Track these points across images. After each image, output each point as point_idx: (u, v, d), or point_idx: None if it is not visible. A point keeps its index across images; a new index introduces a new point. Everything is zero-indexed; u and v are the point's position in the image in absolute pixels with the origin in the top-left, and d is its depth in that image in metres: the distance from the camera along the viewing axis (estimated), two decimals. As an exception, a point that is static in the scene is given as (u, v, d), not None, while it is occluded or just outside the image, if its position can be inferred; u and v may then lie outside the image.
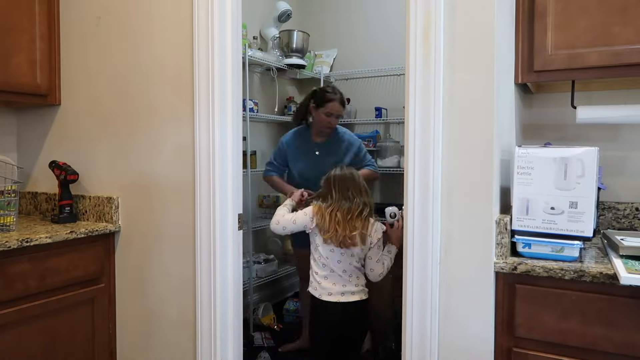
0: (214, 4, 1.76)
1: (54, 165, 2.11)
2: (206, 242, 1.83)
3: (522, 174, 1.40)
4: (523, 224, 1.40)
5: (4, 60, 2.02)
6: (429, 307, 1.46)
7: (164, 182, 1.95)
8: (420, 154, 1.46)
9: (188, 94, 1.87)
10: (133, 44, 2.01)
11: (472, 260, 1.42)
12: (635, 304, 1.24)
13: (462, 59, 1.41)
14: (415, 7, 1.44)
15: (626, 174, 1.82)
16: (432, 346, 1.47)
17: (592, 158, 1.33)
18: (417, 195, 1.47)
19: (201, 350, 1.86)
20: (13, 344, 1.75)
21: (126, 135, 2.05)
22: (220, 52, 1.78)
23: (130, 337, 2.08)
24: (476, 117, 1.40)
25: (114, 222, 2.06)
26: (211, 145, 1.80)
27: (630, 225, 1.80)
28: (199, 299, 1.85)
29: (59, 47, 2.22)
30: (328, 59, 4.01)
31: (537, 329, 1.34)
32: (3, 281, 1.71)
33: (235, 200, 1.84)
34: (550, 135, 1.93)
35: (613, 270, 1.25)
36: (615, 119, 1.60)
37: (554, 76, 1.56)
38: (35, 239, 1.78)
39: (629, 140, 1.81)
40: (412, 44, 1.45)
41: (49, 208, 2.28)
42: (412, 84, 1.46)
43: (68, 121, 2.22)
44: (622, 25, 1.45)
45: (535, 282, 1.35)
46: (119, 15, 2.04)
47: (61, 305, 1.91)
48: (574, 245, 1.34)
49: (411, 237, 1.48)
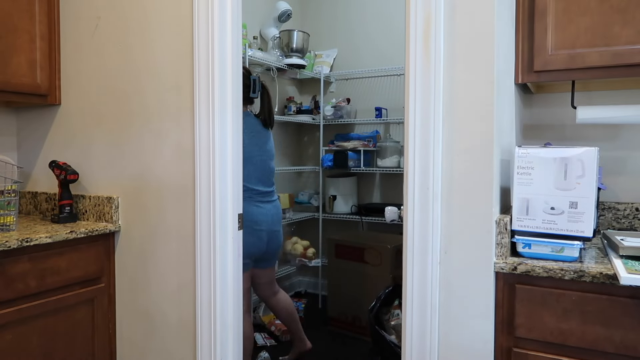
0: (214, 4, 1.76)
1: (54, 165, 2.11)
2: (206, 242, 1.83)
3: (522, 174, 1.40)
4: (523, 224, 1.40)
5: (4, 60, 2.02)
6: (429, 307, 1.46)
7: (164, 182, 1.95)
8: (420, 154, 1.46)
9: (188, 94, 1.87)
10: (133, 44, 2.01)
11: (472, 260, 1.42)
12: (635, 304, 1.24)
13: (462, 59, 1.42)
14: (415, 7, 1.44)
15: (626, 174, 1.82)
16: (432, 346, 1.47)
17: (592, 158, 1.33)
18: (417, 195, 1.47)
19: (201, 350, 1.86)
20: (13, 344, 1.76)
21: (126, 135, 2.05)
22: (220, 52, 1.78)
23: (130, 337, 2.08)
24: (476, 117, 1.40)
25: (114, 222, 2.06)
26: (211, 145, 1.80)
27: (630, 226, 1.80)
28: (199, 299, 1.85)
29: (59, 47, 2.22)
30: (328, 59, 4.01)
31: (537, 329, 1.34)
32: (3, 281, 1.71)
33: (235, 200, 1.84)
34: (550, 135, 1.93)
35: (613, 270, 1.25)
36: (615, 119, 1.60)
37: (554, 76, 1.56)
38: (35, 238, 1.78)
39: (629, 140, 1.81)
40: (412, 44, 1.45)
41: (49, 208, 2.28)
42: (412, 84, 1.46)
43: (68, 121, 2.22)
44: (622, 25, 1.45)
45: (535, 282, 1.35)
46: (119, 15, 2.04)
47: (61, 305, 1.91)
48: (574, 245, 1.34)
49: (411, 237, 1.48)
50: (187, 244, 1.90)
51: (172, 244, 1.94)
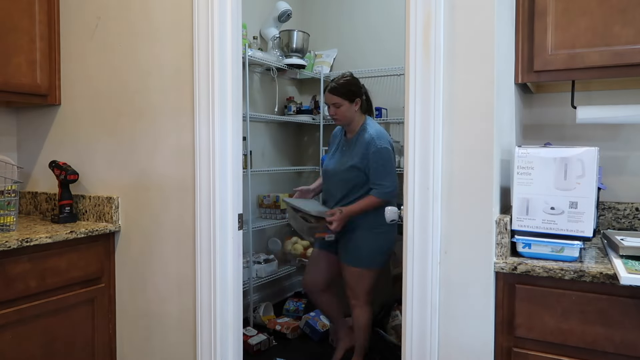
0: (214, 4, 1.76)
1: (54, 165, 2.11)
2: (206, 242, 1.83)
3: (522, 174, 1.40)
4: (523, 224, 1.40)
5: (4, 60, 2.02)
6: (429, 307, 1.46)
7: (164, 182, 1.95)
8: (420, 154, 1.45)
9: (188, 94, 1.87)
10: (133, 44, 2.01)
11: (472, 260, 1.42)
12: (635, 304, 1.24)
13: (462, 59, 1.41)
14: (415, 7, 1.44)
15: (626, 174, 1.82)
16: (432, 346, 1.47)
17: (592, 158, 1.33)
18: (417, 195, 1.47)
19: (201, 350, 1.86)
20: (13, 344, 1.75)
21: (126, 135, 2.05)
22: (220, 52, 1.78)
23: (130, 337, 2.08)
24: (476, 117, 1.40)
25: (114, 222, 2.06)
26: (211, 145, 1.80)
27: (630, 225, 1.80)
28: (199, 299, 1.85)
29: (59, 47, 2.22)
30: (328, 59, 4.01)
31: (537, 329, 1.34)
32: (3, 281, 1.71)
33: (235, 200, 1.84)
34: (550, 135, 1.93)
35: (613, 270, 1.25)
36: (615, 119, 1.60)
37: (554, 76, 1.56)
38: (35, 238, 1.78)
39: (629, 140, 1.81)
40: (412, 43, 1.45)
41: (49, 208, 2.28)
42: (412, 84, 1.46)
43: (68, 121, 2.22)
44: (622, 25, 1.45)
45: (535, 282, 1.35)
46: (119, 15, 2.04)
47: (61, 305, 1.91)
48: (574, 245, 1.34)
49: (411, 237, 1.48)
50: (187, 244, 1.90)
51: (172, 244, 1.94)
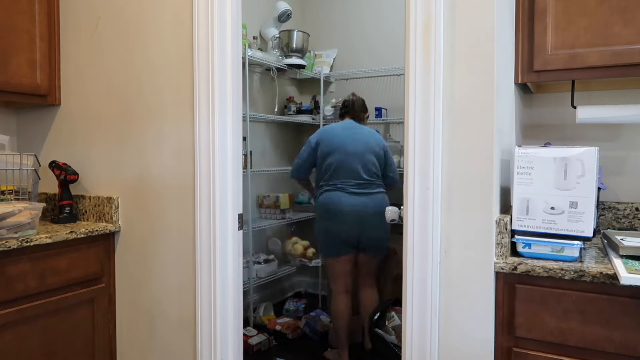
0: (214, 4, 1.76)
1: (54, 165, 2.11)
2: (206, 242, 1.83)
3: (522, 174, 1.40)
4: (523, 224, 1.40)
5: (4, 60, 2.02)
6: (429, 307, 1.46)
7: (164, 182, 1.95)
8: (420, 154, 1.46)
9: (188, 94, 1.87)
10: (133, 44, 2.01)
11: (472, 260, 1.42)
12: (635, 304, 1.24)
13: (462, 59, 1.42)
14: (415, 7, 1.44)
15: (626, 174, 1.82)
16: (432, 346, 1.47)
17: (592, 158, 1.33)
18: (417, 195, 1.47)
19: (201, 350, 1.86)
20: (13, 344, 1.76)
21: (126, 135, 2.05)
22: (220, 52, 1.78)
23: (130, 337, 2.08)
24: (476, 117, 1.40)
25: (113, 222, 2.06)
26: (211, 145, 1.80)
27: (630, 225, 1.80)
28: (199, 299, 1.85)
29: (58, 47, 2.22)
30: (328, 59, 4.01)
31: (537, 329, 1.34)
32: (3, 281, 1.71)
33: (235, 200, 1.84)
34: (550, 135, 1.93)
35: (613, 270, 1.25)
36: (615, 119, 1.60)
37: (554, 76, 1.56)
38: (35, 239, 1.78)
39: (629, 140, 1.81)
40: (412, 44, 1.45)
41: (49, 208, 2.28)
42: (412, 84, 1.46)
43: (68, 121, 2.22)
44: (622, 25, 1.45)
45: (535, 282, 1.35)
46: (119, 15, 2.04)
47: (61, 305, 1.91)
48: (574, 245, 1.34)
49: (411, 237, 1.48)
50: (187, 244, 1.90)
51: (172, 244, 1.94)
